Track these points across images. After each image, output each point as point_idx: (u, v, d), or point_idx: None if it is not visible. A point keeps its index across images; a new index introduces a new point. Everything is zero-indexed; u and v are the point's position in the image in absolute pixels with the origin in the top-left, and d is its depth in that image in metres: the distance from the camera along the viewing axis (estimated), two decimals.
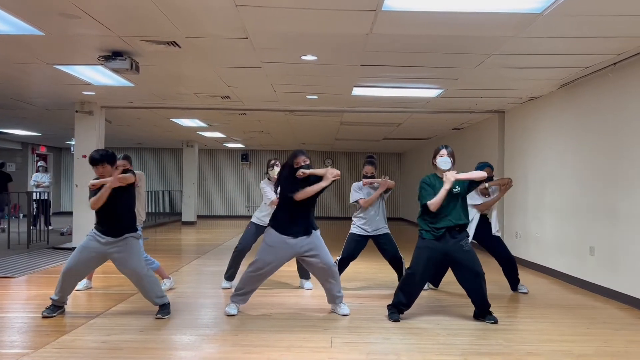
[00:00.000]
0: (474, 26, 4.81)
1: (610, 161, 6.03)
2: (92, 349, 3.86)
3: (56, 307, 4.75)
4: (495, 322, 4.69)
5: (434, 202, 4.57)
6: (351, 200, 5.87)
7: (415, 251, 4.73)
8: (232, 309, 4.91)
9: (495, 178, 6.20)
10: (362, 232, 5.83)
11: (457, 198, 4.66)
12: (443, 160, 4.69)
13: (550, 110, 7.61)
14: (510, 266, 6.07)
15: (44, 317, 4.66)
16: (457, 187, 4.65)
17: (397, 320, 4.70)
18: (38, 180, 13.08)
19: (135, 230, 4.77)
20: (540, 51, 5.56)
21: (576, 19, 4.57)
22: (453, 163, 4.72)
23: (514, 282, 6.15)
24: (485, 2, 4.25)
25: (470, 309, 4.88)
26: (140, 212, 5.74)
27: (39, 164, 13.88)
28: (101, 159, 4.57)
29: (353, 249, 5.85)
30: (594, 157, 6.38)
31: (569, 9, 4.28)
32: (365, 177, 5.90)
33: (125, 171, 5.61)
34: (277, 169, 5.77)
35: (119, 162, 5.78)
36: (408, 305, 4.78)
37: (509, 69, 6.32)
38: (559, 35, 5.02)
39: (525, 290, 6.13)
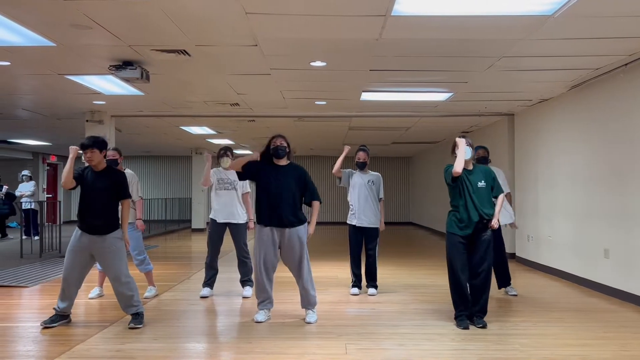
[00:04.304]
0: (484, 29, 4.80)
1: (623, 162, 5.97)
2: (106, 358, 3.87)
3: (59, 317, 4.71)
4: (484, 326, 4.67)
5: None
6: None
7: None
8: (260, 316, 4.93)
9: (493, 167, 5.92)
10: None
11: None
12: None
13: (561, 112, 7.57)
14: None
15: (44, 327, 4.60)
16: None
17: (466, 327, 4.65)
18: (22, 190, 13.06)
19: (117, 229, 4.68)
20: (551, 53, 5.53)
21: (587, 20, 4.54)
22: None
23: None
24: (495, 5, 4.23)
25: (488, 314, 4.81)
26: (137, 213, 5.78)
27: (22, 173, 13.54)
28: (90, 145, 4.61)
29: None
30: (606, 158, 6.33)
31: (581, 10, 4.25)
32: (358, 163, 6.14)
33: (114, 162, 5.65)
34: (227, 159, 6.12)
35: (109, 153, 5.79)
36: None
37: (519, 71, 6.29)
38: (569, 37, 4.99)
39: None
